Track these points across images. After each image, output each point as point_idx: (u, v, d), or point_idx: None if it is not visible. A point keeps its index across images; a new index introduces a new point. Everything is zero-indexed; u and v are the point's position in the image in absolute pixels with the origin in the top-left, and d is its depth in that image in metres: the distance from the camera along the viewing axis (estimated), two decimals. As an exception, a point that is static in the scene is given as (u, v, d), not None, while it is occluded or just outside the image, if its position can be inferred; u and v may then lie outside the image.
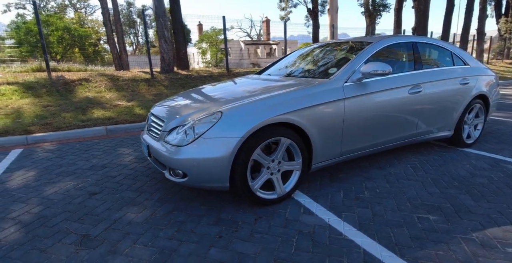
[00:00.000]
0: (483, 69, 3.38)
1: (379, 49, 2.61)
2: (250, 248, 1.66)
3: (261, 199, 2.06)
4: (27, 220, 2.01)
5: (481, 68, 3.37)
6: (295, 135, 2.09)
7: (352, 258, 1.57)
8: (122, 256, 1.62)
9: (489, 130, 4.12)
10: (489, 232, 1.78)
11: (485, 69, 3.45)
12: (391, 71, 2.31)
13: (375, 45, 2.61)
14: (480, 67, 3.36)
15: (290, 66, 3.15)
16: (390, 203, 2.15)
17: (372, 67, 2.29)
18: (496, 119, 4.84)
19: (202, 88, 2.93)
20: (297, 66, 3.07)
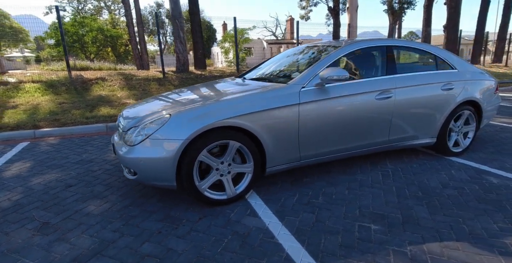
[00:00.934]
0: (476, 74, 3.17)
1: (344, 53, 2.57)
2: (181, 245, 1.76)
3: (209, 199, 2.15)
4: (5, 206, 2.27)
5: (473, 72, 3.16)
6: (245, 138, 2.15)
7: (270, 261, 1.60)
8: (66, 243, 1.79)
9: (492, 138, 3.83)
10: (427, 246, 1.71)
11: (480, 74, 3.23)
12: (347, 77, 2.28)
13: (340, 50, 2.57)
14: (472, 71, 3.15)
15: (265, 69, 3.18)
16: (339, 210, 2.13)
17: (329, 73, 2.27)
18: (507, 126, 4.48)
19: (177, 91, 3.06)
20: (269, 70, 3.09)
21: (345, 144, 2.57)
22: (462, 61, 3.16)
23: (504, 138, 3.86)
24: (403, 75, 2.73)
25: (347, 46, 2.62)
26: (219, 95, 2.38)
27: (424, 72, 2.86)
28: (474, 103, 3.12)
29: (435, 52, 2.99)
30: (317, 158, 2.52)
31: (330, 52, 2.56)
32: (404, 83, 2.69)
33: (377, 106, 2.57)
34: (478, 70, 3.28)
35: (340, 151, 2.59)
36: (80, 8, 34.35)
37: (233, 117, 2.06)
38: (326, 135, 2.44)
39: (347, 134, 2.53)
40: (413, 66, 2.99)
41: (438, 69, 2.98)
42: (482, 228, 1.87)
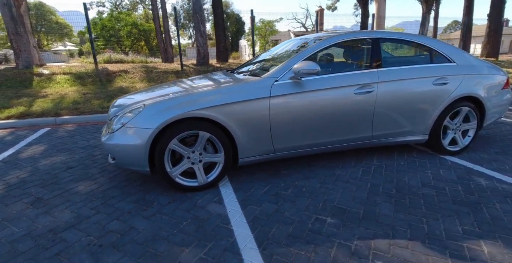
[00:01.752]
0: (480, 68, 2.93)
1: (323, 47, 2.52)
2: (143, 225, 1.92)
3: (180, 185, 2.29)
4: (12, 182, 2.61)
5: (476, 66, 2.92)
6: (216, 129, 2.24)
7: (216, 244, 1.71)
8: (50, 216, 2.04)
9: (504, 137, 3.53)
10: (375, 242, 1.70)
11: (485, 67, 2.98)
12: (318, 71, 2.25)
13: (319, 43, 2.53)
14: (474, 65, 2.92)
15: (257, 62, 3.22)
16: (303, 202, 2.16)
17: (300, 67, 2.27)
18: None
19: (167, 83, 3.21)
20: (260, 63, 3.12)
21: (323, 138, 2.56)
22: (463, 54, 2.94)
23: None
24: (388, 69, 2.62)
25: (327, 39, 2.57)
26: (195, 88, 2.49)
27: (414, 66, 2.71)
28: (474, 100, 2.91)
29: (430, 44, 2.81)
30: (293, 151, 2.55)
31: (310, 45, 2.53)
32: (388, 77, 2.59)
33: (356, 101, 2.51)
34: (484, 64, 3.03)
35: (318, 145, 2.59)
36: (118, 3, 36.19)
37: (201, 109, 2.17)
38: (301, 129, 2.45)
39: (324, 128, 2.52)
40: (403, 59, 2.83)
41: (432, 63, 2.80)
42: (443, 230, 1.80)
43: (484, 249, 1.62)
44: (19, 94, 6.13)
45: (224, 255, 1.62)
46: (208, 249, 1.67)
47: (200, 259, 1.59)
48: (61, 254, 1.65)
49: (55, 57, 34.90)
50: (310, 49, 2.51)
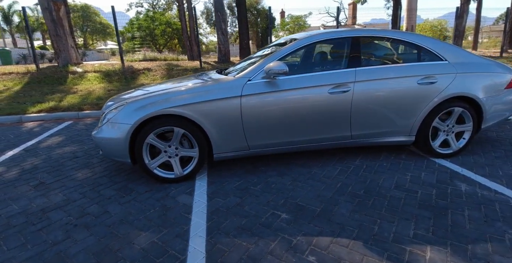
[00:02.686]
0: (478, 66, 2.73)
1: (298, 47, 2.54)
2: (116, 210, 2.15)
3: (158, 176, 2.50)
4: (26, 168, 3.01)
5: (473, 64, 2.73)
6: (190, 126, 2.40)
7: (171, 231, 1.87)
8: (45, 198, 2.36)
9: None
10: (318, 239, 1.74)
11: (485, 65, 2.77)
12: (286, 71, 2.30)
13: (295, 43, 2.55)
14: (471, 63, 2.73)
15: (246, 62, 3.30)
16: (266, 198, 2.24)
17: (270, 67, 2.33)
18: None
19: (161, 82, 3.43)
20: (246, 62, 3.20)
21: (298, 136, 2.60)
22: (458, 51, 2.76)
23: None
24: (367, 68, 2.57)
25: (304, 39, 2.58)
26: (176, 87, 2.64)
27: (397, 64, 2.61)
28: (469, 100, 2.72)
29: (418, 42, 2.68)
30: (268, 148, 2.63)
31: (285, 46, 2.57)
32: (366, 76, 2.53)
33: (331, 100, 2.50)
34: (485, 62, 2.82)
35: (294, 143, 2.63)
36: (155, 3, 38.00)
37: (174, 107, 2.33)
38: (275, 127, 2.52)
39: (298, 127, 2.55)
40: (388, 58, 2.72)
41: (420, 61, 2.68)
42: (393, 232, 1.78)
43: (427, 254, 1.59)
44: (54, 91, 6.86)
45: (173, 241, 1.77)
46: (162, 235, 1.84)
47: (151, 242, 1.77)
48: (43, 230, 1.93)
49: (98, 55, 37.81)
50: (284, 50, 2.55)
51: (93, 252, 1.70)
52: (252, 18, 40.89)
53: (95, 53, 36.56)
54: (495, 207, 2.02)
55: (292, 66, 2.76)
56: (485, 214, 1.94)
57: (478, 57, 2.85)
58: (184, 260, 1.61)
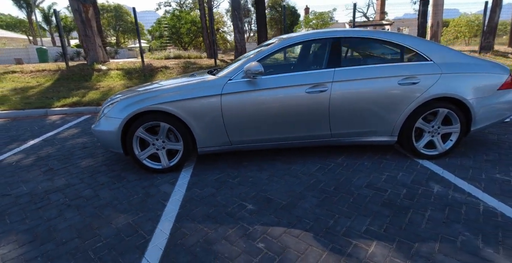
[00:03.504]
0: (466, 66, 2.66)
1: (279, 48, 2.64)
2: (106, 194, 2.42)
3: (147, 166, 2.74)
4: (42, 155, 3.41)
5: (462, 64, 2.66)
6: (175, 122, 2.61)
7: (146, 215, 2.08)
8: (50, 182, 2.69)
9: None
10: (273, 229, 1.87)
11: (477, 66, 2.68)
12: (261, 72, 2.42)
13: (276, 45, 2.64)
14: (459, 63, 2.66)
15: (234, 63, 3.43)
16: (240, 190, 2.39)
17: (249, 67, 2.46)
18: None
19: (156, 81, 3.66)
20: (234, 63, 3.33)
21: (278, 134, 2.71)
22: (445, 51, 2.70)
23: (536, 146, 3.06)
24: (346, 68, 2.60)
25: (285, 40, 2.67)
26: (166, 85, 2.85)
27: (378, 65, 2.62)
28: (456, 101, 2.66)
29: (401, 42, 2.66)
30: (249, 144, 2.77)
31: (267, 47, 2.68)
32: (344, 76, 2.58)
33: (308, 99, 2.58)
34: (477, 62, 2.73)
35: (274, 140, 2.75)
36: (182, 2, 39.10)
37: (160, 104, 2.55)
38: (254, 124, 2.65)
39: (278, 125, 2.66)
40: (369, 58, 2.71)
41: (403, 61, 2.66)
42: (347, 227, 1.86)
43: (370, 248, 1.66)
44: (79, 87, 7.46)
45: (145, 223, 1.99)
46: (137, 217, 2.06)
47: (127, 223, 2.00)
48: (41, 208, 2.24)
49: (129, 53, 39.69)
50: (265, 51, 2.67)
51: (76, 228, 1.96)
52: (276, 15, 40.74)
53: (126, 51, 38.52)
54: (461, 209, 2.01)
55: (276, 66, 2.87)
56: (447, 215, 1.95)
57: (469, 58, 2.77)
58: (149, 240, 1.81)
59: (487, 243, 1.66)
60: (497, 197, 2.13)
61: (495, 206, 2.03)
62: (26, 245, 1.80)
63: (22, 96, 6.63)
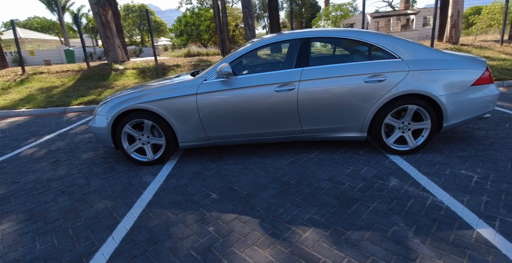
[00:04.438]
0: (440, 62, 2.66)
1: (250, 50, 2.81)
2: (96, 183, 2.76)
3: (135, 159, 3.05)
4: (52, 149, 3.86)
5: (434, 61, 2.67)
6: (157, 119, 2.88)
7: (123, 201, 2.38)
8: (53, 172, 3.10)
9: (501, 141, 3.04)
10: (226, 215, 2.08)
11: (448, 62, 2.68)
12: (229, 72, 2.61)
13: (247, 47, 2.81)
14: (431, 59, 2.67)
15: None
16: (211, 181, 2.63)
17: (220, 69, 2.66)
18: None
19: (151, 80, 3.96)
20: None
21: (253, 130, 2.90)
22: (416, 48, 2.71)
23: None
24: (314, 67, 2.72)
25: (256, 42, 2.83)
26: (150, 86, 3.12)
27: (344, 63, 2.69)
28: (425, 97, 2.68)
29: (370, 40, 2.71)
30: (226, 139, 2.98)
31: (238, 49, 2.85)
32: (311, 75, 2.69)
33: (278, 98, 2.73)
34: (449, 57, 2.73)
35: (249, 135, 2.94)
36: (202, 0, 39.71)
37: (143, 103, 2.83)
38: (228, 121, 2.85)
39: (251, 122, 2.85)
40: (337, 57, 2.76)
41: (371, 59, 2.72)
42: (292, 215, 2.03)
43: (305, 234, 1.82)
44: (97, 86, 8.05)
45: (120, 208, 2.29)
46: (115, 203, 2.37)
47: (105, 207, 2.31)
48: (41, 194, 2.62)
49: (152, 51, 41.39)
50: (237, 52, 2.85)
51: (64, 210, 2.31)
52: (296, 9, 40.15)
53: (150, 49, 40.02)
54: (408, 202, 2.10)
55: (252, 66, 3.04)
56: (391, 207, 2.05)
57: (443, 54, 2.77)
58: (119, 221, 2.11)
59: (418, 234, 1.76)
60: (451, 192, 2.19)
61: (444, 200, 2.09)
62: (22, 223, 2.17)
63: (46, 95, 7.32)
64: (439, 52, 2.79)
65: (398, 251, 1.63)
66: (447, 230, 1.78)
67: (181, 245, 1.81)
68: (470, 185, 2.27)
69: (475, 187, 2.24)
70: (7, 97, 7.25)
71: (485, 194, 2.13)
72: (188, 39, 29.38)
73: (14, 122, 5.54)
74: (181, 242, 1.84)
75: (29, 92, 7.72)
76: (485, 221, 1.83)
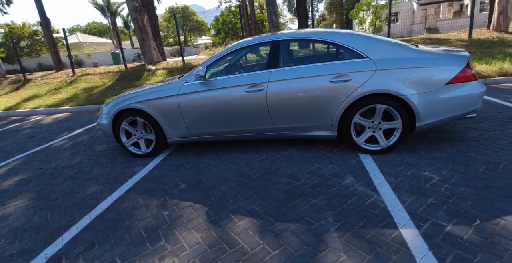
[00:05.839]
0: (408, 61, 2.59)
1: (225, 54, 3.02)
2: (97, 171, 3.26)
3: (132, 152, 3.50)
4: (76, 141, 4.54)
5: (401, 59, 2.61)
6: (147, 117, 3.27)
7: (109, 186, 2.81)
8: (69, 160, 3.70)
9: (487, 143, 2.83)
10: (183, 202, 2.37)
11: (417, 59, 2.61)
12: (201, 75, 2.85)
13: (222, 51, 3.02)
14: (397, 58, 2.61)
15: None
16: (185, 173, 2.94)
17: (196, 71, 2.92)
18: None
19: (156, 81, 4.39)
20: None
21: (228, 127, 3.13)
22: (386, 46, 2.66)
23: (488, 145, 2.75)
24: (282, 69, 2.83)
25: (230, 47, 3.03)
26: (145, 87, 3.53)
27: (312, 64, 2.75)
28: (395, 97, 2.63)
29: (338, 41, 2.72)
30: (206, 136, 3.27)
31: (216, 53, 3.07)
32: (279, 77, 2.81)
33: (249, 98, 2.91)
34: (422, 55, 2.63)
35: (226, 133, 3.18)
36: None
37: (135, 103, 3.24)
38: (206, 119, 3.12)
39: (226, 120, 3.08)
40: (305, 59, 2.79)
41: (339, 59, 2.73)
42: (238, 206, 2.24)
43: (239, 222, 2.02)
44: (130, 85, 8.95)
45: (106, 192, 2.72)
46: (103, 187, 2.82)
47: (94, 191, 2.76)
48: (54, 178, 3.19)
49: (194, 50, 43.30)
50: (214, 56, 3.08)
51: (64, 192, 2.82)
52: (336, 0, 38.59)
53: (192, 48, 42.06)
54: (350, 200, 2.15)
55: (231, 68, 3.26)
56: (331, 204, 2.13)
57: (417, 52, 2.68)
58: (100, 203, 2.53)
59: (339, 229, 1.85)
60: (399, 193, 2.18)
61: (387, 200, 2.11)
62: (32, 200, 2.73)
63: (88, 94, 8.39)
64: (413, 50, 2.71)
65: (311, 242, 1.76)
66: (370, 228, 1.83)
67: (136, 225, 2.15)
68: (424, 186, 2.23)
69: (428, 189, 2.20)
70: (57, 96, 8.50)
71: (433, 197, 2.09)
72: (225, 37, 30.25)
73: (57, 118, 6.54)
74: (138, 222, 2.18)
75: (75, 91, 8.91)
76: (414, 223, 1.84)
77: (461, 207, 1.94)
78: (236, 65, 3.42)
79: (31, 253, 1.97)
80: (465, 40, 8.86)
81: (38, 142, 4.73)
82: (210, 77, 3.08)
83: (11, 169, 3.64)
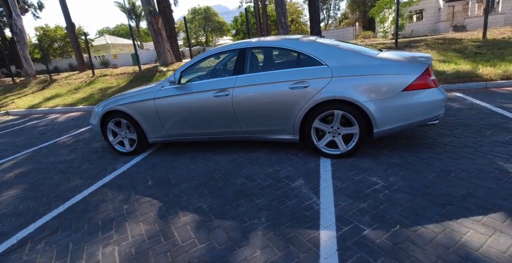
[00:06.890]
0: (365, 68, 2.64)
1: (197, 61, 3.21)
2: (85, 166, 3.60)
3: (117, 150, 3.82)
4: (79, 138, 4.97)
5: (358, 66, 2.67)
6: (129, 118, 3.56)
7: (91, 181, 3.12)
8: (66, 156, 4.09)
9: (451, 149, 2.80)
10: (142, 198, 2.60)
11: (374, 67, 2.66)
12: (173, 81, 3.09)
13: (195, 58, 3.21)
14: (354, 65, 2.68)
15: None
16: (158, 171, 3.18)
17: (169, 78, 3.15)
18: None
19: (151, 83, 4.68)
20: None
21: (201, 129, 3.33)
22: (345, 54, 2.72)
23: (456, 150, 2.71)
24: (246, 75, 2.99)
25: (203, 53, 3.22)
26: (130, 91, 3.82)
27: (272, 71, 2.87)
28: (352, 103, 2.69)
29: (299, 49, 2.83)
30: (182, 136, 3.49)
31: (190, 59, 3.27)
32: (243, 82, 2.96)
33: (216, 102, 3.09)
34: (380, 62, 2.68)
35: (199, 134, 3.39)
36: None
37: (119, 105, 3.54)
38: (179, 121, 3.35)
39: (198, 122, 3.28)
40: (269, 65, 2.89)
41: (298, 66, 2.83)
42: (189, 202, 2.43)
43: (183, 218, 2.22)
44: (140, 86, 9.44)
45: (85, 185, 3.03)
46: (84, 181, 3.13)
47: (75, 184, 3.08)
48: (49, 172, 3.58)
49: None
50: (188, 62, 3.29)
51: (51, 184, 3.17)
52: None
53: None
54: (289, 202, 2.27)
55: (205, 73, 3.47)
56: (270, 204, 2.26)
57: (374, 60, 2.72)
58: (75, 195, 2.84)
59: (267, 228, 1.98)
60: (338, 197, 2.26)
61: (323, 203, 2.20)
62: (23, 191, 3.10)
63: (102, 94, 8.99)
64: (372, 58, 2.75)
65: (236, 239, 1.91)
66: (295, 228, 1.95)
67: (97, 216, 2.41)
68: (365, 191, 2.29)
69: (368, 194, 2.26)
70: (74, 96, 9.19)
71: (368, 201, 2.15)
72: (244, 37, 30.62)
73: (70, 117, 7.12)
74: (99, 214, 2.44)
75: (92, 92, 9.57)
76: (337, 225, 1.93)
77: (389, 213, 2.00)
78: (208, 71, 3.62)
79: (7, 235, 2.30)
80: (479, 40, 8.42)
81: (47, 138, 5.23)
82: (185, 82, 3.31)
83: (17, 162, 4.11)
